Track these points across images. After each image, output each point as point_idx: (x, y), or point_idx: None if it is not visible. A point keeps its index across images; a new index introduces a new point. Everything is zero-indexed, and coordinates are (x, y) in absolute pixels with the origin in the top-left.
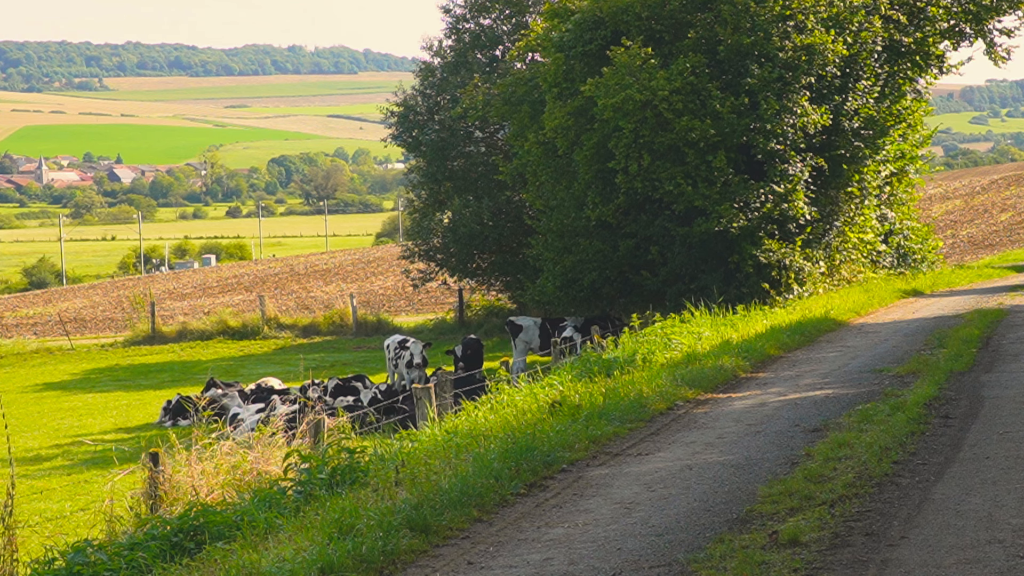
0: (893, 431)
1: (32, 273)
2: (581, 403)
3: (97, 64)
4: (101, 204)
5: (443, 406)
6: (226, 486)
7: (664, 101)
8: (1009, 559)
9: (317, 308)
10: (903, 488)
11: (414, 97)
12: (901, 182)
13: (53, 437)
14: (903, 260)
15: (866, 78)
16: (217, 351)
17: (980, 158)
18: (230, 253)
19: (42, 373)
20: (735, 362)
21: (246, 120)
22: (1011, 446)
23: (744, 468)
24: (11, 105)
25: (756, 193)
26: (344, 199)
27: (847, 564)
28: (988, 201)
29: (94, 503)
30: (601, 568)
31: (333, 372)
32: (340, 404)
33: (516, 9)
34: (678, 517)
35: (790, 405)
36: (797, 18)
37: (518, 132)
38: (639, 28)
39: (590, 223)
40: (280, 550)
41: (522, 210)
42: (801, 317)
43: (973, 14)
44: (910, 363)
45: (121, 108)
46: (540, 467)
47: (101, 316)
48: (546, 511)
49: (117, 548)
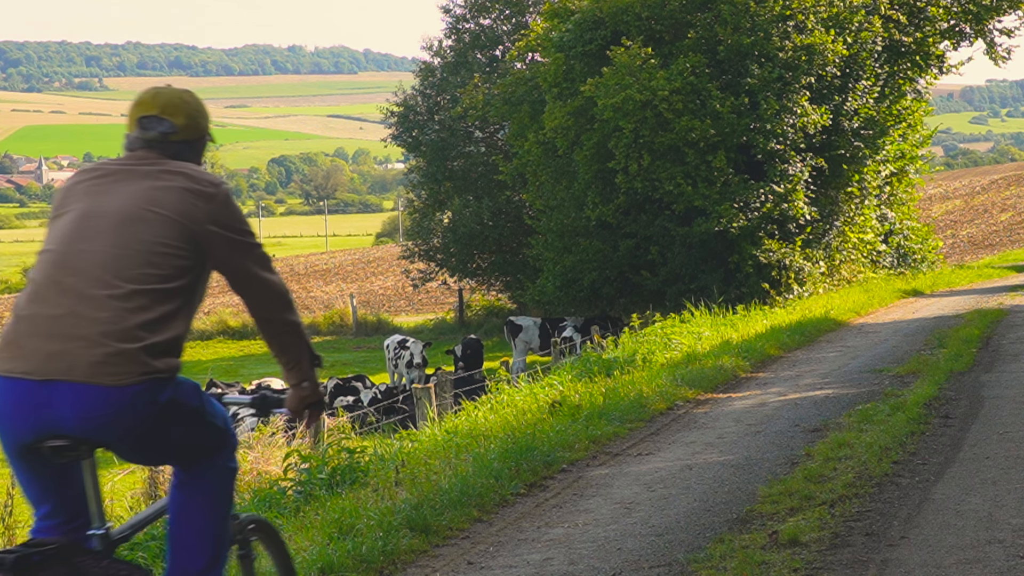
0: (893, 431)
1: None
2: (581, 403)
3: (97, 64)
4: None
5: (443, 406)
6: None
7: (664, 101)
8: (1009, 559)
9: (317, 308)
10: (903, 488)
11: (414, 97)
12: (901, 182)
13: None
14: (903, 260)
15: (866, 78)
16: (217, 351)
17: (980, 158)
18: None
19: None
20: (735, 362)
21: (246, 120)
22: (1011, 446)
23: (744, 468)
24: (11, 105)
25: (756, 193)
26: (344, 199)
27: (847, 564)
28: (988, 201)
29: None
30: (601, 568)
31: (333, 372)
32: (340, 404)
33: (516, 9)
34: (678, 517)
35: (790, 405)
36: (797, 18)
37: (518, 132)
38: (639, 28)
39: (590, 223)
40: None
41: (522, 210)
42: (801, 317)
43: (973, 14)
44: (910, 363)
45: (121, 108)
46: (540, 467)
47: None
48: (546, 511)
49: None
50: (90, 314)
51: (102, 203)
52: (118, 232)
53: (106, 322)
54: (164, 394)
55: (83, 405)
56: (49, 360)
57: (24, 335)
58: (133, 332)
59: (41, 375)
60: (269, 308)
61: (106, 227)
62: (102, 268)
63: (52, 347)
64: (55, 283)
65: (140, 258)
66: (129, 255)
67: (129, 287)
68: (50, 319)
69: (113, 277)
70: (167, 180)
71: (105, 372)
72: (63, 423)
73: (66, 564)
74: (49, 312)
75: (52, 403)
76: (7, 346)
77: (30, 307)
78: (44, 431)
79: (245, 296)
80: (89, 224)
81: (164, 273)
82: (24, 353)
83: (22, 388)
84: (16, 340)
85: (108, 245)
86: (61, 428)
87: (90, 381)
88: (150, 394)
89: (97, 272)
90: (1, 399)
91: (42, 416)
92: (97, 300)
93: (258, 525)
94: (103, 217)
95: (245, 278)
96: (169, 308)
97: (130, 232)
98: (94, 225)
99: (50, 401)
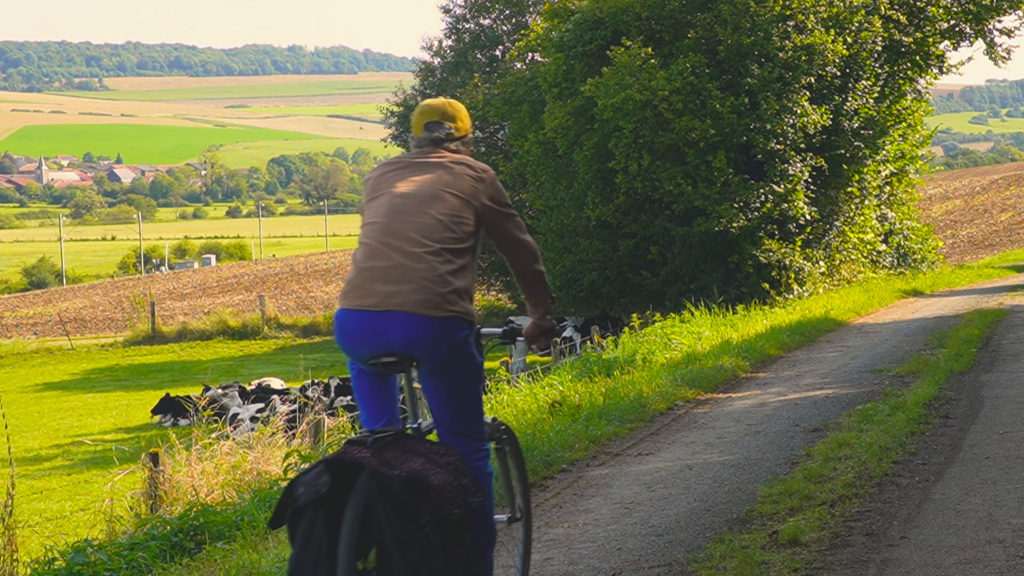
0: (893, 431)
1: (32, 273)
2: (581, 403)
3: (97, 64)
4: (101, 204)
5: None
6: (226, 486)
7: (664, 101)
8: (1009, 559)
9: (317, 308)
10: (903, 488)
11: (414, 97)
12: (901, 182)
13: (53, 437)
14: (903, 260)
15: (866, 78)
16: (217, 351)
17: (980, 158)
18: (230, 253)
19: (42, 373)
20: (735, 362)
21: (246, 120)
22: (1011, 446)
23: (744, 468)
24: (11, 105)
25: (756, 193)
26: (344, 199)
27: (847, 564)
28: (988, 201)
29: (94, 503)
30: (601, 568)
31: (333, 372)
32: (340, 404)
33: (516, 9)
34: (678, 517)
35: (790, 405)
36: (797, 18)
37: (518, 132)
38: (639, 28)
39: (590, 223)
40: (280, 550)
41: (522, 210)
42: (801, 317)
43: (973, 14)
44: (910, 363)
45: (121, 108)
46: (540, 467)
47: (101, 316)
48: (546, 511)
49: (117, 548)
50: (413, 265)
51: (409, 186)
52: (424, 207)
53: (424, 271)
54: (463, 332)
55: (409, 330)
56: (387, 297)
57: (367, 280)
58: (443, 278)
59: (382, 307)
60: (524, 262)
61: (415, 204)
62: (417, 233)
63: (388, 288)
64: (385, 244)
65: (441, 226)
66: (433, 224)
67: (437, 246)
68: (384, 269)
69: (425, 240)
70: (453, 168)
71: (426, 307)
72: (393, 344)
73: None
74: (383, 265)
75: (388, 328)
76: (353, 289)
77: (367, 262)
78: (380, 349)
79: (508, 253)
80: (402, 202)
81: (457, 236)
82: (368, 293)
83: (368, 317)
84: (361, 284)
85: (418, 217)
86: (392, 347)
87: (416, 312)
88: (454, 328)
89: (414, 236)
90: (352, 326)
91: (379, 338)
92: (416, 256)
93: (507, 429)
94: (412, 197)
95: (508, 239)
96: (463, 263)
97: (432, 207)
98: (406, 202)
99: (386, 327)
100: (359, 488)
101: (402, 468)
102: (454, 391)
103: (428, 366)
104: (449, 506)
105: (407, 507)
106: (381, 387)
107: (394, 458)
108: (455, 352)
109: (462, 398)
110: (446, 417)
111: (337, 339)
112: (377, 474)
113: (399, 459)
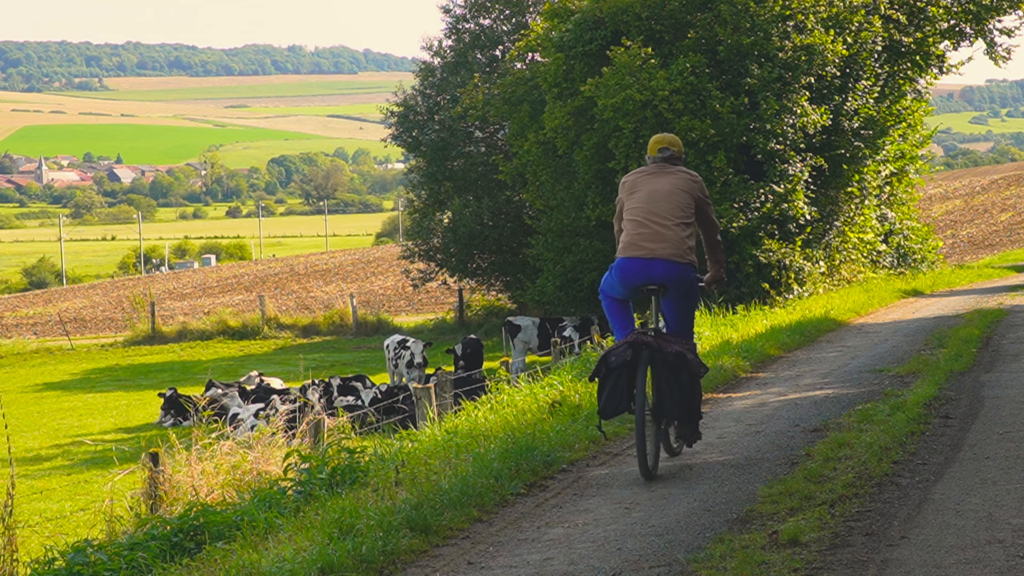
0: (893, 431)
1: (32, 273)
2: (581, 403)
3: (97, 64)
4: (101, 204)
5: (443, 406)
6: (226, 486)
7: (664, 101)
8: (1009, 559)
9: (317, 308)
10: (903, 488)
11: (414, 97)
12: (901, 182)
13: (53, 437)
14: (903, 260)
15: (866, 78)
16: (217, 351)
17: (980, 158)
18: (230, 253)
19: (42, 373)
20: (735, 362)
21: (246, 120)
22: (1011, 446)
23: (744, 468)
24: (11, 105)
25: (756, 193)
26: (344, 199)
27: (847, 564)
28: (988, 201)
29: (94, 503)
30: (601, 568)
31: (333, 372)
32: (340, 404)
33: (516, 9)
34: (678, 517)
35: (790, 405)
36: (797, 18)
37: (518, 132)
38: (639, 28)
39: (590, 223)
40: (280, 550)
41: (522, 210)
42: (801, 317)
43: (973, 14)
44: (910, 363)
45: (121, 108)
46: (540, 467)
47: (101, 316)
48: (546, 511)
49: (117, 548)
50: (665, 233)
51: (655, 186)
52: (668, 199)
53: (671, 236)
54: (693, 272)
55: (665, 269)
56: (651, 251)
57: (639, 240)
58: (683, 240)
59: (648, 255)
60: (713, 234)
61: (662, 196)
62: (667, 214)
63: (652, 246)
64: (647, 219)
65: (679, 210)
66: (673, 207)
67: (677, 220)
68: (648, 234)
69: (670, 216)
70: (680, 175)
71: (674, 256)
72: (654, 279)
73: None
74: (647, 231)
75: (652, 269)
76: (630, 246)
77: (637, 229)
78: (647, 280)
79: (703, 227)
80: (654, 196)
81: (687, 215)
82: (639, 249)
83: (641, 263)
84: (635, 243)
85: (665, 203)
86: (654, 279)
87: (669, 259)
88: (689, 269)
89: (664, 215)
90: (631, 268)
91: (647, 275)
92: (667, 226)
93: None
94: (659, 192)
95: (707, 220)
96: (690, 231)
97: (672, 199)
98: (657, 196)
99: (651, 268)
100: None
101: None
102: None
103: (674, 292)
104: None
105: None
106: (626, 311)
107: (663, 343)
108: (689, 284)
109: (689, 313)
110: (677, 323)
111: (616, 277)
112: (658, 350)
113: (666, 343)
